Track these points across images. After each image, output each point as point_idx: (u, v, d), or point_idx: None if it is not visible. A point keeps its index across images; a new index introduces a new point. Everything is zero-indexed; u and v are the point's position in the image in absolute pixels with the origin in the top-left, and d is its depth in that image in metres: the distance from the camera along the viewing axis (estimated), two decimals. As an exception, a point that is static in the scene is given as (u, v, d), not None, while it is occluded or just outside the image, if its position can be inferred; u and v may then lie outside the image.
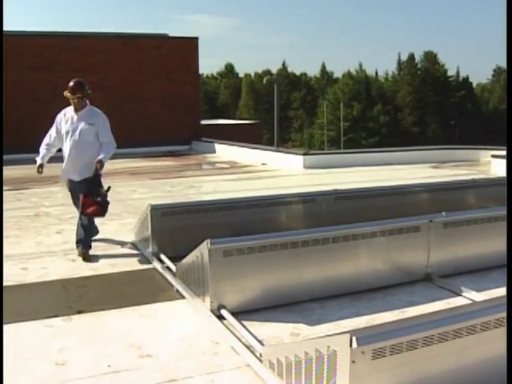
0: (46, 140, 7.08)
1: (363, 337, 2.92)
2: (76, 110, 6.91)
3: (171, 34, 25.41)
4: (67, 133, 6.91)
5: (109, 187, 6.90)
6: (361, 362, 2.92)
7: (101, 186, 6.91)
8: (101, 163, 6.82)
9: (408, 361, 3.09)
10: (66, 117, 6.97)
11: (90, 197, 6.72)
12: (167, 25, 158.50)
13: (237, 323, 4.61)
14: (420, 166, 15.75)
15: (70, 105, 6.94)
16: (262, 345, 4.15)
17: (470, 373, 3.40)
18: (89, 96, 6.96)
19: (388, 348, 2.97)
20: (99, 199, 6.75)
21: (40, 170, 7.03)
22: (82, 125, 6.87)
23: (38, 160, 7.00)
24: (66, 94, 6.83)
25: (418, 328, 3.10)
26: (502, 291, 5.24)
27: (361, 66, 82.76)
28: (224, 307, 4.85)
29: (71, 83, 6.84)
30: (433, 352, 3.15)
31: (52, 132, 7.07)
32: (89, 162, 6.83)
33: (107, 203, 6.86)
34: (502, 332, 3.38)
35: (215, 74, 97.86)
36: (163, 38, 24.86)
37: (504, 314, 3.38)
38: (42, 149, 7.05)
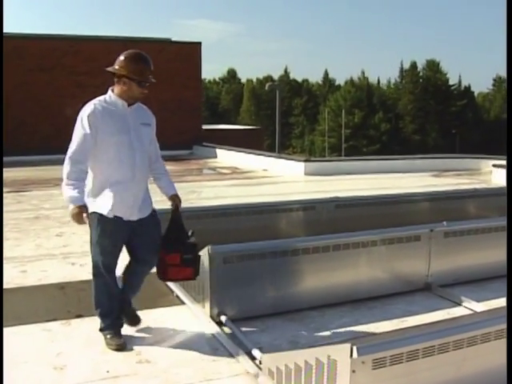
0: (76, 163, 4.14)
1: (364, 346, 2.91)
2: (131, 102, 4.36)
3: (174, 39, 25.47)
4: (120, 137, 4.25)
5: (192, 232, 4.61)
6: (361, 371, 2.90)
7: (187, 234, 4.60)
8: (179, 199, 4.80)
9: (408, 371, 3.07)
10: (108, 112, 4.26)
11: (176, 253, 4.47)
12: (170, 29, 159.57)
13: (236, 330, 4.60)
14: (421, 174, 15.75)
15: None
16: (262, 352, 4.14)
17: (469, 384, 3.39)
18: None
19: (388, 358, 2.95)
20: (190, 256, 4.49)
21: (85, 215, 4.13)
22: (139, 126, 4.38)
23: (75, 201, 4.08)
24: (132, 74, 4.26)
25: (418, 338, 3.09)
26: (502, 301, 5.25)
27: (363, 73, 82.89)
28: (224, 314, 4.83)
29: (139, 54, 4.48)
30: (433, 363, 3.13)
31: (86, 140, 4.15)
32: (147, 187, 4.60)
33: (199, 258, 4.62)
34: (502, 344, 3.37)
35: (217, 79, 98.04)
36: (166, 43, 24.92)
37: (505, 326, 3.37)
38: (72, 179, 4.12)
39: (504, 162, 15.62)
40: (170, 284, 5.75)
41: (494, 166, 15.21)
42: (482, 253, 6.16)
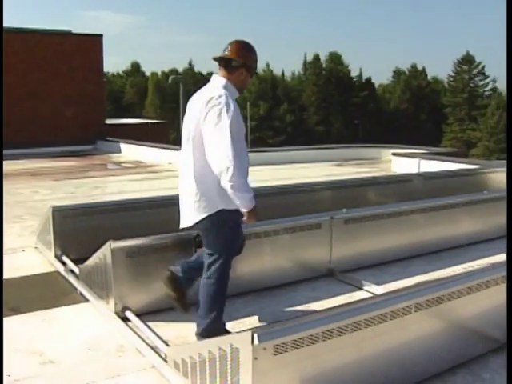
0: (237, 156, 3.88)
1: (264, 333, 2.97)
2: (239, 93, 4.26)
3: (74, 31, 24.83)
4: (244, 131, 4.17)
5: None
6: (263, 358, 2.96)
7: None
8: None
9: (310, 355, 3.16)
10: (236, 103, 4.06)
11: None
12: (70, 21, 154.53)
13: (142, 324, 4.58)
14: (324, 164, 16.12)
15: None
16: (167, 345, 4.15)
17: (370, 363, 3.52)
18: None
19: (289, 343, 3.03)
20: None
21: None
22: None
23: (253, 201, 4.07)
24: (252, 64, 4.26)
25: (317, 323, 3.18)
26: (400, 284, 5.50)
27: (268, 65, 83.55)
28: (128, 309, 4.80)
29: (250, 44, 4.32)
30: (333, 345, 3.24)
31: (242, 134, 4.05)
32: None
33: None
34: (398, 323, 3.54)
35: (121, 73, 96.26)
36: (66, 35, 24.27)
37: (400, 306, 3.53)
38: (246, 178, 4.03)
39: (403, 151, 16.26)
40: (74, 281, 5.64)
41: (394, 154, 15.77)
42: (381, 238, 6.39)
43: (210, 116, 3.89)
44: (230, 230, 4.19)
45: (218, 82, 4.11)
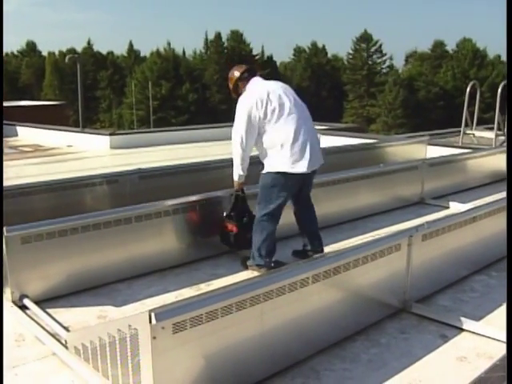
0: None
1: (162, 312, 2.95)
2: None
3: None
4: None
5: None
6: (162, 337, 2.95)
7: None
8: None
9: (210, 331, 3.18)
10: None
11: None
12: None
13: (41, 312, 4.47)
14: (227, 142, 16.09)
15: None
16: (68, 331, 4.07)
17: (271, 336, 3.58)
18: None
19: (188, 321, 3.04)
20: None
21: None
22: None
23: None
24: None
25: (216, 299, 3.20)
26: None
27: (169, 44, 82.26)
28: (26, 297, 4.66)
29: None
30: (233, 320, 3.28)
31: None
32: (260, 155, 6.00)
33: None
34: (297, 295, 3.61)
35: (16, 53, 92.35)
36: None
37: (297, 278, 3.60)
38: None
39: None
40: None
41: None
42: (284, 213, 6.46)
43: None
44: None
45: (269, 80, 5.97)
